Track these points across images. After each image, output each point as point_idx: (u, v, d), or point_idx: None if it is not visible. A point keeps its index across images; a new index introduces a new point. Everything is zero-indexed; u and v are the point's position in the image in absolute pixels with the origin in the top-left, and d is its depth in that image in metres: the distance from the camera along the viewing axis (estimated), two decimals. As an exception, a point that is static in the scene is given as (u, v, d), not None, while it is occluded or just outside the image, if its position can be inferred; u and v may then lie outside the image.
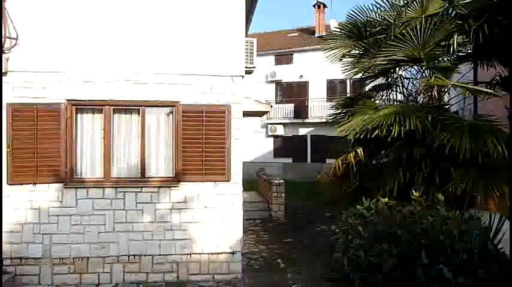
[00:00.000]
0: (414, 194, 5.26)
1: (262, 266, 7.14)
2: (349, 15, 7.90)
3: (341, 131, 6.91)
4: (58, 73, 6.00)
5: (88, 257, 6.02)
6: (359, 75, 8.26)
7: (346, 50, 7.94)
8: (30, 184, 5.93)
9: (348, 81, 21.42)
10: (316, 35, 25.59)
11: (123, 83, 6.13)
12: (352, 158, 7.15)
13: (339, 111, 8.51)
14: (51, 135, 5.97)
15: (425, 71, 7.17)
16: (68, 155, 6.03)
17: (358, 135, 6.63)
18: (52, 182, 5.98)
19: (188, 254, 6.20)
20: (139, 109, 6.23)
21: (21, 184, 5.92)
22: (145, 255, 6.13)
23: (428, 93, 7.36)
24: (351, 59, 8.03)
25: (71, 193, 6.02)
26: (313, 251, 7.83)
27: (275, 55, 25.14)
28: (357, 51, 7.93)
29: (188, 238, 6.20)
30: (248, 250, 7.94)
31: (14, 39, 5.83)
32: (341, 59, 8.13)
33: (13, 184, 5.89)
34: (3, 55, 5.78)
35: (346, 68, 8.18)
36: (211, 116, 6.23)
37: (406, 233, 4.47)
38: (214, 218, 6.26)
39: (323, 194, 10.75)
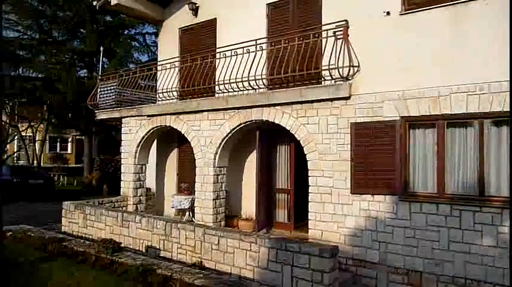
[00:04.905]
0: None
1: None
2: None
3: None
4: (391, 92, 6.44)
5: (421, 272, 6.05)
6: None
7: None
8: (369, 194, 6.59)
9: None
10: None
11: (457, 95, 5.88)
12: None
13: None
14: (386, 150, 6.45)
15: None
16: (402, 169, 6.33)
17: None
18: (387, 194, 6.42)
19: (542, 292, 5.18)
20: (475, 122, 5.81)
21: (361, 194, 6.67)
22: (485, 282, 5.57)
23: None
24: None
25: (404, 206, 6.27)
26: None
27: None
28: None
29: (542, 273, 5.19)
30: None
31: (356, 67, 6.73)
32: None
33: (354, 193, 6.72)
34: (348, 81, 6.75)
35: None
36: None
37: None
38: None
39: None
